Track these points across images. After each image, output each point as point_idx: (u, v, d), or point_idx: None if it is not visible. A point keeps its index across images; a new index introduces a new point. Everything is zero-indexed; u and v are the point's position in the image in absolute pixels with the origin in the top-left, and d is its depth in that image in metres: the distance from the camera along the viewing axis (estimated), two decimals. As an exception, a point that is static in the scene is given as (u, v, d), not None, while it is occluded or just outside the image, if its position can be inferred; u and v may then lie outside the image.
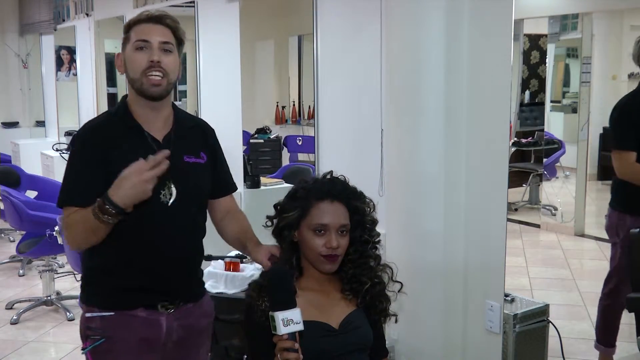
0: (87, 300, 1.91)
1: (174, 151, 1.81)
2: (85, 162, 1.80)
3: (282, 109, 5.84)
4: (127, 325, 1.85)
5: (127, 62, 1.83)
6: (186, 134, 1.92)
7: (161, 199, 1.82)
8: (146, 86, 1.80)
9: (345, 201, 1.76)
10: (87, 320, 1.88)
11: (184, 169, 1.88)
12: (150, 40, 1.80)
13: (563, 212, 5.91)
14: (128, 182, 1.65)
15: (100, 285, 1.88)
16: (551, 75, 6.95)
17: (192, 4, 4.57)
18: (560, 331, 2.92)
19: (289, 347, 1.53)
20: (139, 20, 1.84)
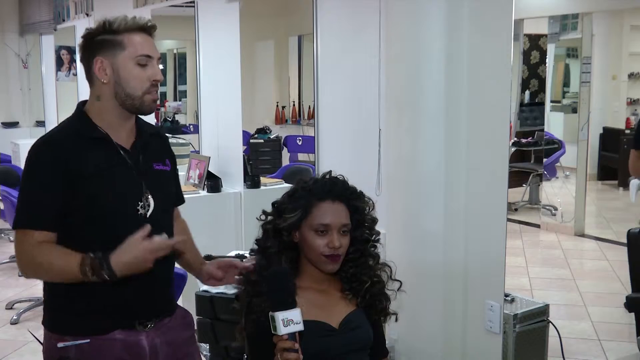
0: (55, 327, 1.73)
1: (144, 160, 1.76)
2: (48, 180, 1.64)
3: (282, 109, 5.84)
4: (106, 351, 1.70)
5: (123, 73, 1.69)
6: (150, 142, 1.82)
7: (139, 211, 1.71)
8: (147, 104, 1.71)
9: (346, 201, 1.77)
10: (59, 350, 1.69)
11: (156, 178, 1.79)
12: (153, 57, 1.71)
13: (563, 212, 5.91)
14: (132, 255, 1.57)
15: (71, 310, 1.72)
16: (551, 75, 6.95)
17: (192, 4, 4.56)
18: (560, 331, 2.92)
19: (289, 348, 1.53)
20: (134, 27, 1.73)
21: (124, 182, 1.72)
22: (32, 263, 1.66)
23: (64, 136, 1.71)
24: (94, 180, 1.66)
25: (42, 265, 1.65)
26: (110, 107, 1.72)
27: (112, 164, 1.70)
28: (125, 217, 1.69)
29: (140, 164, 1.75)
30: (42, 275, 1.71)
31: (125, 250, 1.58)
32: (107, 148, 1.71)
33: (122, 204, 1.70)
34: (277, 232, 1.75)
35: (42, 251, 1.64)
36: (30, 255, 1.65)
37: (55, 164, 1.64)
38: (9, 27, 8.46)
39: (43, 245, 1.64)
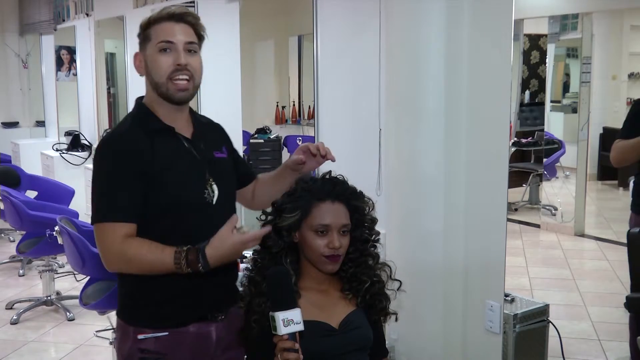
0: (134, 320, 1.79)
1: (205, 148, 1.81)
2: (122, 173, 1.69)
3: (282, 109, 5.84)
4: (181, 343, 1.77)
5: (150, 63, 1.75)
6: (206, 131, 1.89)
7: (206, 198, 1.77)
8: (172, 91, 1.74)
9: (346, 201, 1.77)
10: (140, 342, 1.76)
11: (218, 165, 1.84)
12: (175, 42, 1.73)
13: (563, 212, 5.91)
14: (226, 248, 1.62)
15: (148, 304, 1.77)
16: (551, 75, 6.95)
17: (192, 4, 4.56)
18: (560, 331, 2.92)
19: (289, 348, 1.54)
20: (159, 18, 1.75)
21: (190, 171, 1.77)
22: (122, 257, 1.68)
23: (132, 130, 1.76)
24: (164, 171, 1.71)
25: (132, 260, 1.67)
26: (155, 99, 1.78)
27: (178, 155, 1.76)
28: (195, 205, 1.74)
29: (203, 152, 1.81)
30: (132, 269, 1.71)
31: (219, 243, 1.62)
32: (172, 139, 1.77)
33: (191, 192, 1.75)
34: (278, 232, 1.75)
35: (131, 245, 1.67)
36: (119, 250, 1.67)
37: (128, 157, 1.69)
38: (9, 27, 8.46)
39: (130, 240, 1.67)
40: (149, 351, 1.75)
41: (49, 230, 3.85)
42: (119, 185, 1.69)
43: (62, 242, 3.45)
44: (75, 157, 6.28)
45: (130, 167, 1.68)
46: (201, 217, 1.75)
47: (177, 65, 1.72)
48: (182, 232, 1.72)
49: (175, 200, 1.73)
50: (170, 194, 1.72)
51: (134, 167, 1.69)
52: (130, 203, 1.69)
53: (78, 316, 4.28)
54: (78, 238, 3.20)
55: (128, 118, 1.83)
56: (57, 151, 6.39)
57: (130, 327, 1.78)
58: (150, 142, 1.73)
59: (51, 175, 6.34)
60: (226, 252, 1.63)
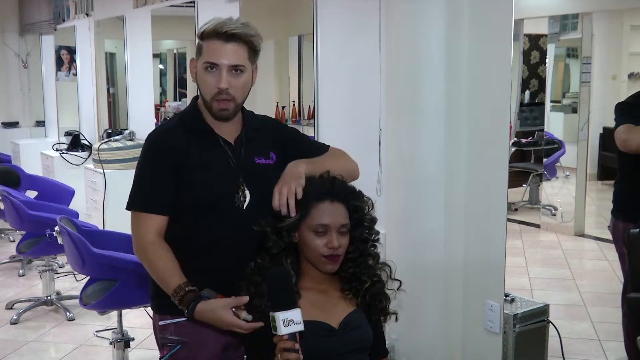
0: (158, 308, 1.91)
1: (245, 154, 1.85)
2: (158, 167, 1.80)
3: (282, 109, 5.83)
4: (201, 330, 1.80)
5: (199, 77, 1.81)
6: (255, 136, 1.90)
7: (236, 202, 1.81)
8: (215, 110, 1.80)
9: (345, 201, 1.77)
10: (161, 328, 1.87)
11: (256, 171, 1.86)
12: (219, 64, 1.76)
13: (563, 212, 5.91)
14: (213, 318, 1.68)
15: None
16: (551, 75, 6.95)
17: (192, 4, 4.56)
18: (560, 331, 2.92)
19: (289, 348, 1.53)
20: (210, 34, 1.78)
21: (222, 173, 1.82)
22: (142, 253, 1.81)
23: (173, 127, 1.87)
24: (196, 170, 1.79)
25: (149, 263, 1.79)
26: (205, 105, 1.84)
27: (213, 156, 1.82)
28: (222, 208, 1.80)
29: (241, 157, 1.85)
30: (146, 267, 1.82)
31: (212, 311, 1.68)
32: (211, 140, 1.84)
33: (218, 194, 1.81)
34: (278, 233, 1.75)
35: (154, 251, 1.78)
36: (145, 246, 1.79)
37: (164, 153, 1.79)
38: (9, 27, 8.46)
39: (157, 245, 1.79)
40: (170, 338, 1.84)
41: (49, 230, 3.84)
42: (152, 178, 1.80)
43: (62, 242, 3.45)
44: (75, 157, 6.28)
45: (165, 162, 1.78)
46: (228, 221, 1.81)
47: (218, 88, 1.77)
48: (206, 232, 1.81)
49: (201, 200, 1.80)
50: (197, 192, 1.79)
51: (169, 162, 1.78)
52: (163, 196, 1.79)
53: (78, 316, 4.28)
54: (78, 238, 3.20)
55: (176, 115, 1.95)
56: (57, 151, 6.39)
57: (156, 315, 1.90)
58: (189, 140, 1.81)
59: (51, 175, 6.34)
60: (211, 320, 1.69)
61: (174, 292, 1.71)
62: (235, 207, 1.81)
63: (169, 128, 1.89)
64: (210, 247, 1.81)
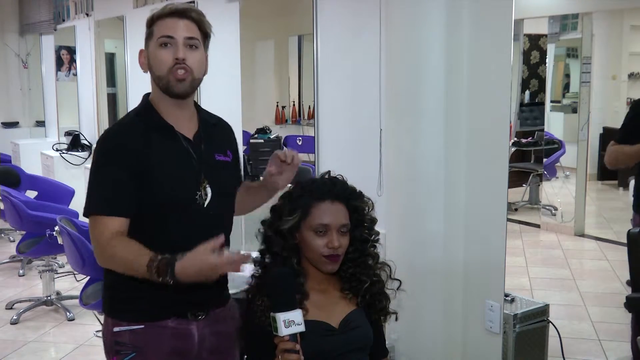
0: (112, 313, 1.81)
1: (205, 150, 1.81)
2: (117, 168, 1.70)
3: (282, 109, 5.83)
4: (158, 337, 1.76)
5: (151, 59, 1.76)
6: (212, 132, 1.87)
7: (197, 200, 1.76)
8: (172, 83, 1.74)
9: (345, 201, 1.77)
10: (114, 334, 1.77)
11: (217, 168, 1.83)
12: (174, 36, 1.73)
13: (563, 212, 5.91)
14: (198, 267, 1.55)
15: (129, 297, 1.77)
16: (551, 75, 6.95)
17: (192, 4, 4.56)
18: (560, 331, 2.92)
19: (290, 349, 1.53)
20: (161, 15, 1.76)
21: (184, 171, 1.76)
22: (105, 254, 1.69)
23: (131, 125, 1.78)
24: (156, 169, 1.72)
25: (115, 257, 1.68)
26: (159, 95, 1.78)
27: (174, 153, 1.76)
28: (184, 206, 1.74)
29: (202, 154, 1.80)
30: (113, 266, 1.71)
31: (192, 261, 1.56)
32: (171, 137, 1.77)
33: (181, 192, 1.75)
34: (281, 235, 1.75)
35: (116, 244, 1.67)
36: (106, 245, 1.68)
37: (123, 152, 1.71)
38: (9, 27, 8.46)
39: (119, 238, 1.68)
40: (124, 344, 1.76)
41: (49, 230, 3.85)
42: (112, 179, 1.70)
43: (62, 242, 3.45)
44: (75, 157, 6.28)
45: (124, 162, 1.69)
46: (190, 218, 1.74)
47: (175, 60, 1.72)
48: (171, 230, 1.73)
49: (165, 198, 1.73)
50: (160, 191, 1.72)
51: (128, 162, 1.69)
52: (122, 197, 1.69)
53: (78, 316, 4.28)
54: (78, 238, 3.20)
55: (131, 113, 1.84)
56: (57, 151, 6.39)
57: (109, 319, 1.81)
58: (147, 138, 1.73)
59: (51, 175, 6.34)
60: (197, 271, 1.56)
61: (148, 268, 1.58)
62: (197, 204, 1.75)
63: (125, 126, 1.80)
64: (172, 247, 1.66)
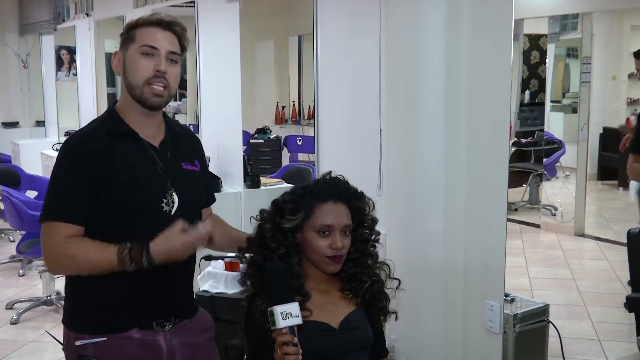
0: (74, 326, 1.75)
1: (172, 158, 1.78)
2: (75, 175, 1.67)
3: (282, 109, 5.84)
4: (123, 349, 1.72)
5: (129, 64, 1.73)
6: (179, 142, 1.84)
7: (163, 207, 1.73)
8: (147, 95, 1.72)
9: (347, 201, 1.77)
10: (78, 349, 1.71)
11: (183, 177, 1.81)
12: (158, 48, 1.71)
13: (563, 212, 5.91)
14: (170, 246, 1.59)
15: (90, 308, 1.74)
16: (551, 75, 6.95)
17: (192, 4, 4.56)
18: (560, 331, 2.92)
19: (288, 341, 1.53)
20: (147, 22, 1.74)
21: (149, 178, 1.74)
22: (63, 257, 1.65)
23: (94, 132, 1.74)
24: (121, 175, 1.69)
25: (75, 259, 1.64)
26: (129, 101, 1.75)
27: (138, 160, 1.73)
28: (150, 213, 1.71)
29: (168, 161, 1.78)
30: (73, 268, 1.69)
31: (164, 241, 1.60)
32: (135, 144, 1.74)
33: (146, 199, 1.72)
34: (282, 234, 1.75)
35: (74, 245, 1.64)
36: (61, 249, 1.64)
37: (84, 159, 1.67)
38: (9, 27, 8.46)
39: (74, 239, 1.64)
40: (88, 357, 1.71)
41: (49, 230, 3.84)
42: (69, 186, 1.67)
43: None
44: (75, 157, 6.27)
45: (84, 169, 1.66)
46: (156, 226, 1.68)
47: (156, 72, 1.71)
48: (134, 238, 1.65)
49: (128, 205, 1.70)
50: (123, 198, 1.69)
51: (89, 168, 1.66)
52: (77, 204, 1.66)
53: (78, 316, 4.28)
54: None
55: (95, 120, 1.82)
56: (57, 151, 6.38)
57: (71, 333, 1.75)
58: (111, 144, 1.70)
59: (51, 175, 6.33)
60: (170, 251, 1.59)
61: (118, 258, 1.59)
62: (163, 212, 1.73)
63: (88, 132, 1.75)
64: None
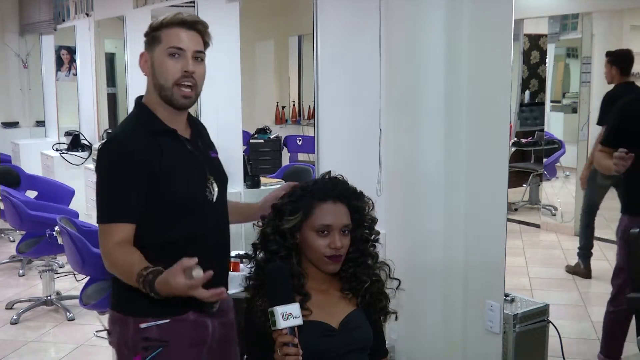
0: (135, 311, 1.82)
1: (202, 148, 1.91)
2: (129, 176, 1.74)
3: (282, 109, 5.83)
4: (181, 330, 1.83)
5: (157, 66, 1.80)
6: (202, 132, 1.97)
7: (208, 197, 1.86)
8: (176, 97, 1.79)
9: (346, 201, 1.77)
10: (142, 331, 1.81)
11: (215, 165, 1.94)
12: (185, 48, 1.78)
13: (563, 212, 5.91)
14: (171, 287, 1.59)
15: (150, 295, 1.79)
16: (551, 75, 6.95)
17: (192, 4, 4.56)
18: (560, 331, 2.92)
19: (289, 342, 1.53)
20: (171, 23, 1.80)
21: (194, 171, 1.85)
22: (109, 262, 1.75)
23: (135, 133, 1.81)
24: (169, 173, 1.78)
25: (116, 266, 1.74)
26: (157, 100, 1.83)
27: (181, 156, 1.83)
28: (198, 203, 1.83)
29: (202, 153, 1.90)
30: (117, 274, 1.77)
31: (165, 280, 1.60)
32: (175, 141, 1.84)
33: (195, 192, 1.84)
34: (281, 235, 1.75)
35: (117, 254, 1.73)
36: (109, 253, 1.74)
37: (131, 160, 1.74)
38: (9, 27, 8.46)
39: (119, 248, 1.73)
40: (152, 339, 1.81)
41: (49, 230, 3.85)
42: (123, 187, 1.75)
43: (62, 242, 3.45)
44: (75, 157, 6.28)
45: (136, 169, 1.74)
46: (203, 214, 1.84)
47: (184, 72, 1.78)
48: (185, 229, 1.80)
49: (182, 199, 1.80)
50: (176, 193, 1.78)
51: (140, 169, 1.74)
52: (132, 205, 1.75)
53: (78, 316, 4.28)
54: (78, 238, 3.20)
55: (131, 119, 1.88)
56: (57, 151, 6.39)
57: (129, 317, 1.83)
58: (155, 144, 1.78)
59: (51, 175, 6.34)
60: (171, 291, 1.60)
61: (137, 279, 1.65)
62: (208, 201, 1.86)
63: (132, 134, 1.82)
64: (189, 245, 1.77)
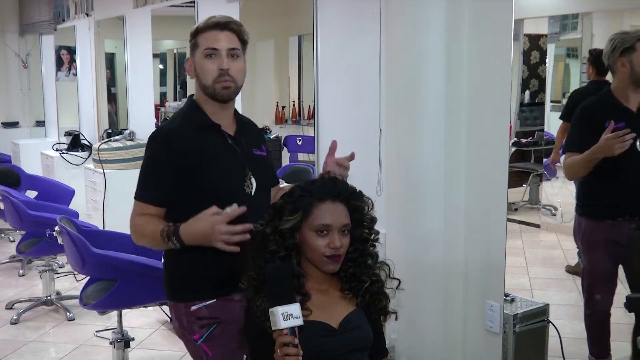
0: (183, 297, 2.00)
1: (246, 145, 2.03)
2: (164, 163, 1.92)
3: (282, 109, 5.83)
4: (229, 308, 1.96)
5: (198, 68, 1.98)
6: (247, 130, 2.10)
7: (246, 190, 1.99)
8: (217, 90, 1.95)
9: (346, 201, 1.77)
10: (192, 313, 1.97)
11: (257, 161, 2.06)
12: (218, 48, 1.95)
13: (563, 212, 5.90)
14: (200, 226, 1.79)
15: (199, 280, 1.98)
16: (551, 75, 6.94)
17: (192, 4, 4.56)
18: (560, 331, 2.92)
19: (289, 342, 1.53)
20: (206, 27, 1.99)
21: (232, 164, 1.99)
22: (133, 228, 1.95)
23: (182, 126, 1.99)
24: (210, 163, 1.94)
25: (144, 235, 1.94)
26: (204, 98, 2.00)
27: (223, 149, 1.98)
28: (236, 195, 1.91)
29: (244, 148, 2.03)
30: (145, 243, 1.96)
31: (194, 222, 1.80)
32: (218, 135, 2.00)
33: (232, 184, 1.97)
34: (281, 235, 1.75)
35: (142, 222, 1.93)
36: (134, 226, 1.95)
37: (172, 151, 1.92)
38: (9, 27, 8.46)
39: (144, 217, 1.93)
40: (205, 317, 1.96)
41: (49, 230, 3.85)
42: (156, 174, 1.94)
43: (62, 242, 3.45)
44: (75, 157, 6.28)
45: (172, 159, 1.90)
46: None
47: (220, 70, 1.94)
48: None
49: (219, 190, 1.94)
50: (214, 184, 1.93)
51: (178, 159, 1.90)
52: (161, 190, 1.93)
53: (78, 316, 4.28)
54: (78, 238, 3.20)
55: (180, 113, 2.06)
56: (57, 151, 6.39)
57: (180, 304, 2.00)
58: (199, 137, 1.95)
59: (51, 175, 6.34)
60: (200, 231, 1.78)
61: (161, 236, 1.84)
62: (246, 194, 1.98)
63: (179, 127, 1.99)
64: None
